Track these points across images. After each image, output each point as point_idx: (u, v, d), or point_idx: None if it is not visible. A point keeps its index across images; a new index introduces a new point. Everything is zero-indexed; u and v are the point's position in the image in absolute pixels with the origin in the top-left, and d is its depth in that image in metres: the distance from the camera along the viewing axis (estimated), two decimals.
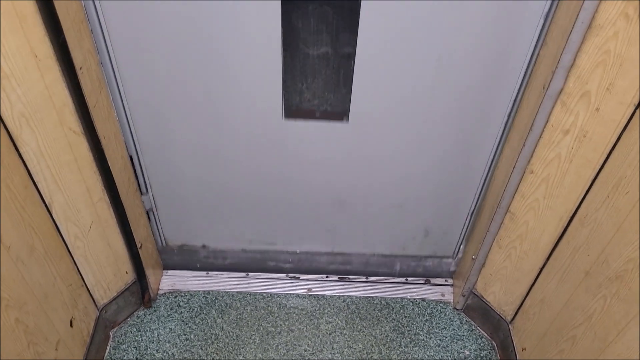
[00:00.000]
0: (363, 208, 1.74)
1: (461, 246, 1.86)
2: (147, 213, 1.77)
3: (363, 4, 1.21)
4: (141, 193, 1.68)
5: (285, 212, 1.79)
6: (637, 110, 1.09)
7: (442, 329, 1.85)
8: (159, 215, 1.80)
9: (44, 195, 1.31)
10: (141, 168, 1.62)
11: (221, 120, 1.47)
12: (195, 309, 1.87)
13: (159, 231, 1.86)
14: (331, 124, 1.48)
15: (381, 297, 1.93)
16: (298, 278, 1.96)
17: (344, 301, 1.91)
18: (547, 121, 1.26)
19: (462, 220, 1.76)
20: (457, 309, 1.90)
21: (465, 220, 1.76)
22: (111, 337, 1.78)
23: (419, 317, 1.87)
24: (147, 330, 1.80)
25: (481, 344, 1.81)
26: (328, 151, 1.56)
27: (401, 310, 1.89)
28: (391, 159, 1.57)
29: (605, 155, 1.20)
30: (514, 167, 1.38)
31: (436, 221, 1.77)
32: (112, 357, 1.72)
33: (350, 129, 1.48)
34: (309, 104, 1.44)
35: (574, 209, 1.34)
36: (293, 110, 1.46)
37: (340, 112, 1.45)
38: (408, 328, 1.84)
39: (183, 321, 1.83)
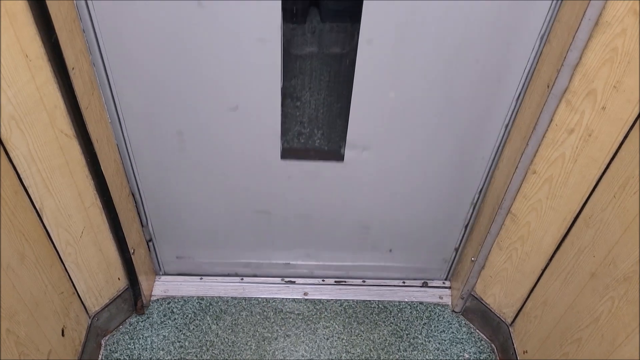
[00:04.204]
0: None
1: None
2: (147, 243, 1.80)
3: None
4: (142, 225, 1.72)
5: (283, 242, 1.82)
6: None
7: (441, 332, 1.82)
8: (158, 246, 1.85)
9: (34, 201, 1.27)
10: (142, 204, 1.67)
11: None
12: (189, 315, 1.83)
13: (157, 261, 1.90)
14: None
15: (378, 301, 1.90)
16: (294, 282, 1.93)
17: (341, 305, 1.88)
18: (551, 120, 1.24)
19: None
20: (455, 312, 1.87)
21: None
22: (103, 345, 1.73)
23: (417, 321, 1.85)
24: (140, 338, 1.76)
25: (481, 347, 1.79)
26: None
27: (399, 314, 1.86)
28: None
29: (611, 155, 1.19)
30: (516, 168, 1.36)
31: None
32: None
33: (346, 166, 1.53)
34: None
35: (578, 210, 1.32)
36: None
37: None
38: (406, 332, 1.81)
39: (177, 328, 1.79)
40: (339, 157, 1.53)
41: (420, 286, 1.95)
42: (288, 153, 1.52)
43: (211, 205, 1.69)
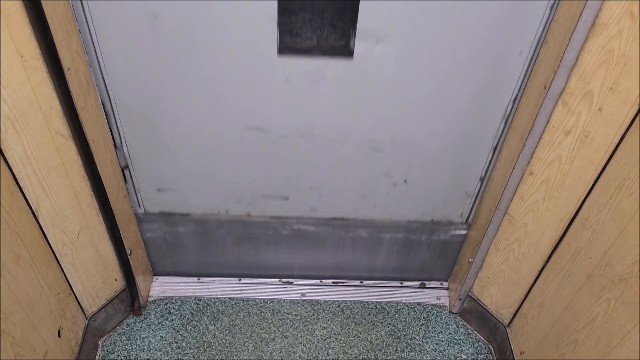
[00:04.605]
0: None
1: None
2: (123, 171, 1.56)
3: None
4: (115, 147, 1.49)
5: (281, 168, 1.60)
6: None
7: (439, 333, 1.82)
8: (136, 175, 1.59)
9: (30, 202, 1.26)
10: (115, 119, 1.43)
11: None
12: (187, 316, 1.82)
13: (136, 194, 1.66)
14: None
15: (376, 302, 1.90)
16: (291, 283, 1.93)
17: (338, 306, 1.88)
18: (548, 122, 1.24)
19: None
20: (453, 313, 1.87)
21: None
22: (100, 346, 1.73)
23: (414, 322, 1.85)
24: (137, 339, 1.76)
25: (478, 348, 1.79)
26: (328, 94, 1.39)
27: (396, 315, 1.86)
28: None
29: (607, 156, 1.19)
30: (513, 169, 1.36)
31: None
32: None
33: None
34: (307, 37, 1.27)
35: (575, 211, 1.32)
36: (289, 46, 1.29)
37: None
38: (404, 332, 1.81)
39: (174, 329, 1.79)
40: (348, 53, 1.29)
41: (418, 287, 1.95)
42: (286, 47, 1.28)
43: (195, 119, 1.45)
